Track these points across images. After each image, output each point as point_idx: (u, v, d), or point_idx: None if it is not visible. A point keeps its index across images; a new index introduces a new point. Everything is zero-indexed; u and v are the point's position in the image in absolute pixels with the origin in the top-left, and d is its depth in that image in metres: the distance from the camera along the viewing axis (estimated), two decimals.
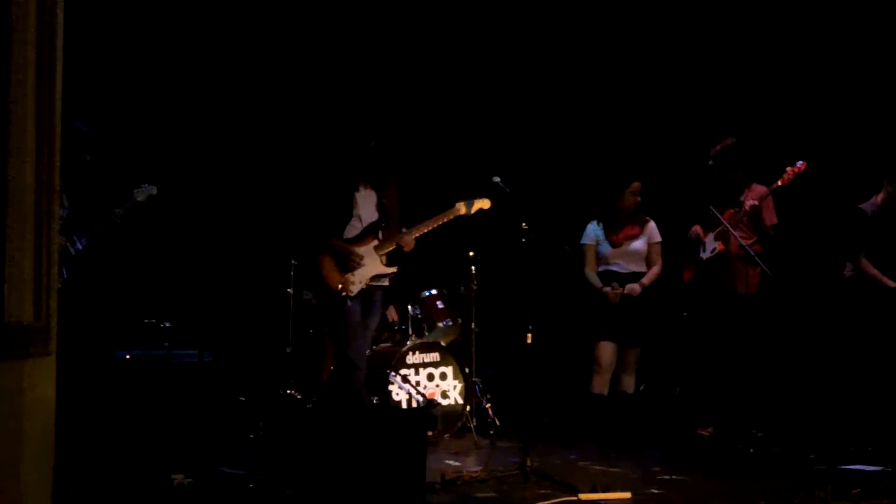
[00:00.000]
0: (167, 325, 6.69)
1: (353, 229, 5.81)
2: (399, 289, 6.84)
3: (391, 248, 5.86)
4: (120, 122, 7.14)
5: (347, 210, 5.78)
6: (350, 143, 5.79)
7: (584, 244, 6.92)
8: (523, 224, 5.68)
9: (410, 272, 6.63)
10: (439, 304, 7.19)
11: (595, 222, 6.93)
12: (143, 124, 7.27)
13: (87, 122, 5.61)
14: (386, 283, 5.90)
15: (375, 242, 5.86)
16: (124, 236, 6.07)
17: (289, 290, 6.92)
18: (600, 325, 6.76)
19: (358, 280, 5.76)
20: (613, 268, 6.82)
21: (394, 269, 5.89)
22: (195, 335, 6.73)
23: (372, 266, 5.82)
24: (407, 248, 5.84)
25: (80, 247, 5.55)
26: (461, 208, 5.95)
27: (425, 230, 5.88)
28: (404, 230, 5.86)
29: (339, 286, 5.62)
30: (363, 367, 5.62)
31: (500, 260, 7.11)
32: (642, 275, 6.85)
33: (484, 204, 5.98)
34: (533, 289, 5.51)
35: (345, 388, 5.60)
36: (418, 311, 7.18)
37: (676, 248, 6.86)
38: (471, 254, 7.09)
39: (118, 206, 5.69)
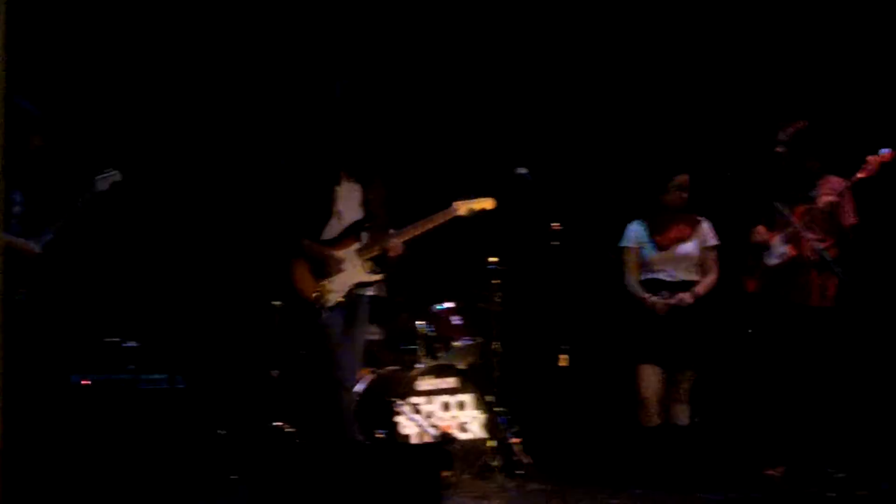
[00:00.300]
0: (132, 344, 6.49)
1: (331, 229, 5.76)
2: (407, 301, 6.88)
3: (376, 253, 5.79)
4: (80, 102, 7.01)
5: (325, 207, 5.71)
6: (330, 127, 5.70)
7: (624, 247, 6.81)
8: (554, 224, 5.87)
9: (420, 282, 6.85)
10: (456, 320, 7.08)
11: (638, 221, 6.81)
12: (104, 106, 7.17)
13: (35, 102, 5.53)
14: (371, 291, 5.79)
15: (357, 245, 5.83)
16: (78, 238, 5.99)
17: (274, 302, 6.72)
18: (642, 345, 6.64)
19: (336, 288, 5.74)
20: (660, 275, 6.72)
21: (379, 277, 5.86)
22: (165, 356, 6.54)
23: (353, 272, 5.82)
24: (392, 253, 5.79)
25: (40, 248, 5.51)
26: (459, 208, 5.96)
27: (416, 233, 5.88)
28: (392, 232, 5.77)
29: (314, 295, 5.59)
30: (352, 387, 5.59)
31: (528, 267, 7.01)
32: (694, 284, 6.73)
33: (486, 204, 5.98)
34: (567, 301, 5.76)
35: (334, 416, 5.55)
36: (431, 328, 7.01)
37: (737, 252, 6.72)
38: (492, 260, 6.91)
39: (80, 195, 5.67)
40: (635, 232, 6.79)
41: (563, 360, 6.09)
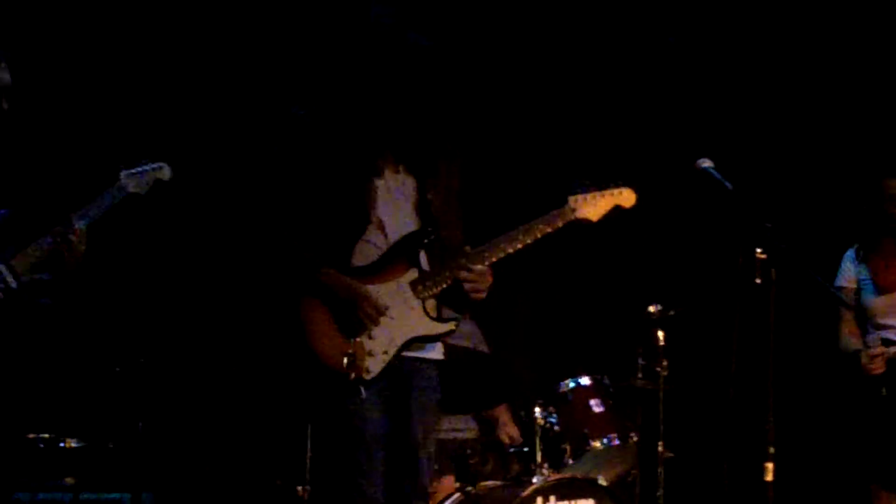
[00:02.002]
0: (72, 444, 5.54)
1: (368, 249, 4.58)
2: (513, 373, 6.19)
3: (444, 286, 4.58)
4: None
5: (360, 211, 4.53)
6: (363, 82, 4.60)
7: (838, 287, 6.06)
8: (759, 251, 4.49)
9: (533, 341, 6.67)
10: (596, 406, 6.05)
11: (853, 250, 6.10)
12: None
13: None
14: (437, 355, 4.63)
15: (413, 274, 4.60)
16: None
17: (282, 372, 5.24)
18: (876, 453, 5.88)
19: (379, 349, 4.49)
20: (888, 333, 5.92)
21: (451, 327, 4.61)
22: (124, 464, 5.58)
23: (406, 320, 4.58)
24: (476, 290, 4.55)
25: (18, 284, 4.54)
26: (581, 208, 4.69)
27: (511, 251, 4.60)
28: (468, 250, 4.55)
29: (344, 361, 4.37)
30: None
31: (712, 319, 5.83)
32: None
33: (622, 199, 4.76)
34: (775, 374, 4.37)
35: None
36: (554, 419, 5.98)
37: None
38: (653, 309, 6.06)
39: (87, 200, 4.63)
40: (851, 265, 6.06)
41: (770, 472, 4.61)
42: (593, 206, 4.70)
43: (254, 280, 5.88)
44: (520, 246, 4.59)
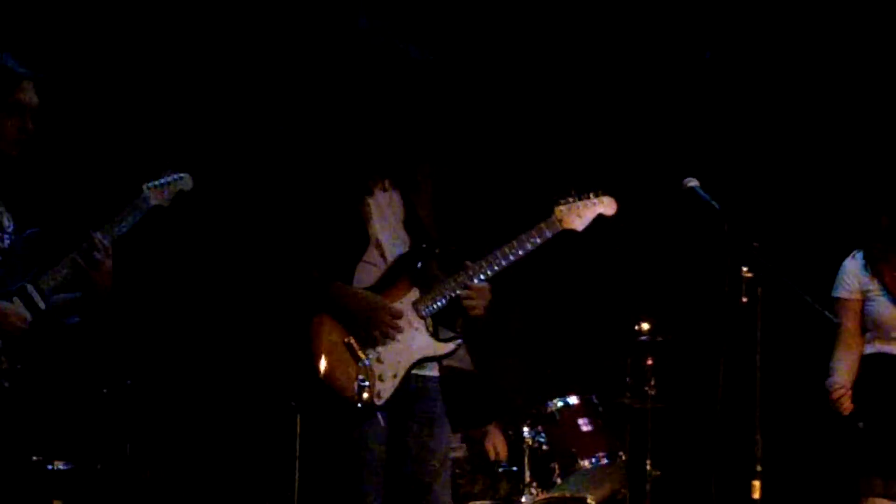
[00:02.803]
0: (60, 466, 5.49)
1: (366, 269, 4.50)
2: (501, 391, 6.19)
3: (445, 302, 4.56)
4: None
5: (358, 231, 4.47)
6: (355, 99, 4.52)
7: (833, 298, 5.66)
8: (745, 269, 4.53)
9: (523, 359, 6.56)
10: (584, 425, 6.09)
11: (857, 260, 5.70)
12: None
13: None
14: (435, 372, 4.53)
15: (415, 293, 4.52)
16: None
17: (293, 403, 5.37)
18: (870, 461, 5.52)
19: (389, 372, 4.37)
20: None
21: (450, 347, 4.50)
22: (112, 485, 5.59)
23: (412, 341, 4.47)
24: (475, 307, 4.47)
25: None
26: (566, 218, 4.69)
27: (507, 264, 4.55)
28: (469, 265, 4.51)
29: (355, 388, 4.18)
30: None
31: (699, 338, 5.80)
32: None
33: (606, 207, 4.77)
34: (763, 393, 4.43)
35: None
36: (543, 438, 5.99)
37: None
38: (642, 327, 6.12)
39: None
40: (854, 272, 5.67)
41: (757, 490, 4.63)
42: (577, 217, 4.68)
43: (247, 300, 5.99)
44: (514, 259, 4.54)
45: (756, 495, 4.66)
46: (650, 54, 7.64)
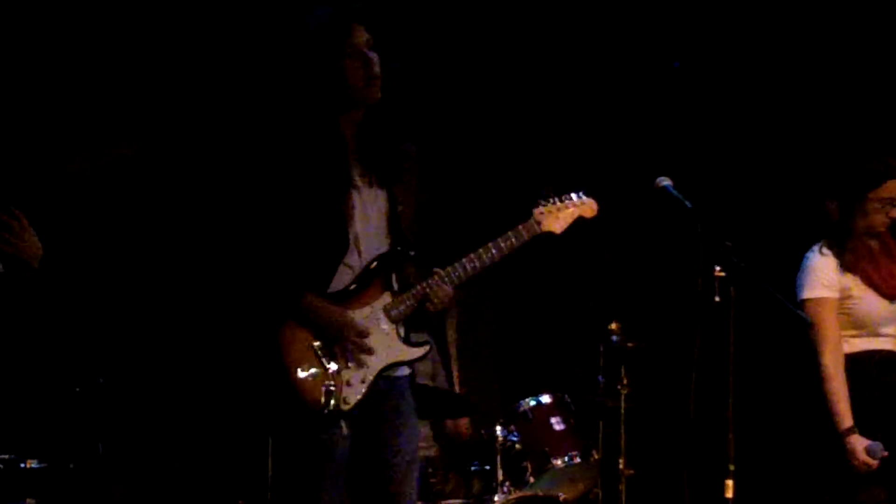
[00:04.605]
0: (33, 465, 5.44)
1: (342, 270, 4.38)
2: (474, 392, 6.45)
3: (413, 308, 4.45)
4: None
5: (339, 232, 4.32)
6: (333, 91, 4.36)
7: (810, 299, 5.43)
8: (717, 269, 4.47)
9: (495, 359, 6.53)
10: (557, 424, 6.06)
11: (825, 248, 5.49)
12: None
13: None
14: (405, 372, 4.47)
15: (387, 298, 4.43)
16: None
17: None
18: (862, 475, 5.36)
19: (357, 378, 4.27)
20: (887, 342, 5.39)
21: (421, 352, 4.42)
22: (84, 485, 5.53)
23: (381, 347, 4.37)
24: (436, 305, 4.44)
25: None
26: (545, 220, 4.61)
27: (479, 269, 4.45)
28: (439, 272, 4.42)
29: (322, 394, 4.15)
30: None
31: (671, 339, 5.93)
32: None
33: (587, 209, 4.72)
34: (735, 393, 4.32)
35: None
36: (515, 437, 6.00)
37: None
38: (614, 326, 6.16)
39: None
40: (827, 267, 5.44)
41: (730, 489, 4.56)
42: (556, 219, 4.63)
43: (220, 303, 5.91)
44: (488, 263, 4.46)
45: (729, 494, 4.58)
46: (623, 55, 7.61)
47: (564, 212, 4.64)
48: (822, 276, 5.47)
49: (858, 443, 5.24)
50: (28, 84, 6.62)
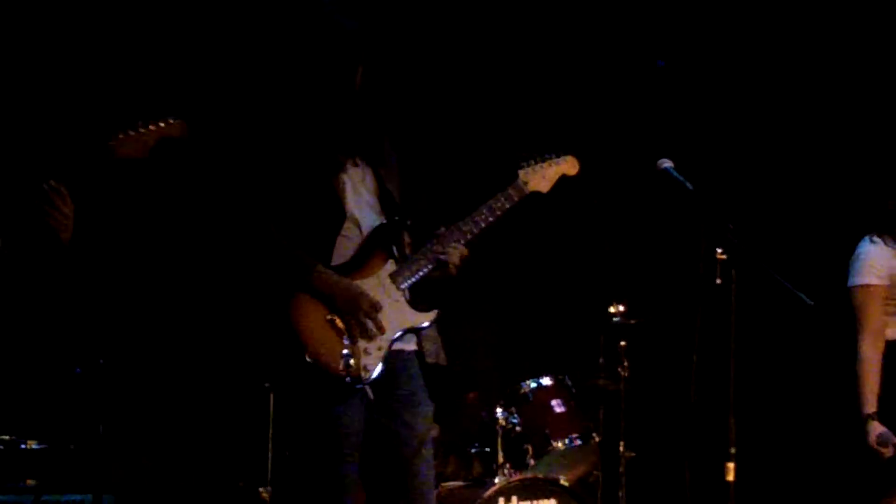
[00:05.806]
0: (34, 446, 5.48)
1: (344, 244, 4.50)
2: (475, 372, 6.30)
3: (425, 272, 4.59)
4: None
5: (335, 207, 4.47)
6: (324, 78, 4.51)
7: (858, 285, 5.40)
8: (719, 251, 4.43)
9: (497, 341, 6.60)
10: (557, 406, 6.06)
11: (880, 242, 5.48)
12: None
13: None
14: (414, 346, 4.59)
15: (391, 266, 4.52)
16: None
17: (266, 384, 5.49)
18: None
19: (374, 345, 4.37)
20: None
21: (431, 316, 4.50)
22: (85, 465, 5.48)
23: (393, 313, 4.47)
24: (451, 261, 4.52)
25: None
26: (531, 180, 4.72)
27: (479, 230, 4.56)
28: (442, 232, 4.54)
29: (341, 364, 4.21)
30: None
31: (673, 321, 5.78)
32: None
33: (569, 166, 4.81)
34: (738, 377, 4.29)
35: None
36: (516, 419, 5.99)
37: None
38: (615, 309, 6.12)
39: None
40: (881, 255, 5.42)
41: (731, 472, 4.51)
42: (542, 178, 4.73)
43: (223, 278, 6.03)
44: (484, 226, 4.58)
45: (730, 477, 4.56)
46: (628, 36, 7.55)
47: (548, 170, 4.74)
48: (874, 263, 5.47)
49: (873, 429, 5.24)
50: (76, 70, 6.56)
